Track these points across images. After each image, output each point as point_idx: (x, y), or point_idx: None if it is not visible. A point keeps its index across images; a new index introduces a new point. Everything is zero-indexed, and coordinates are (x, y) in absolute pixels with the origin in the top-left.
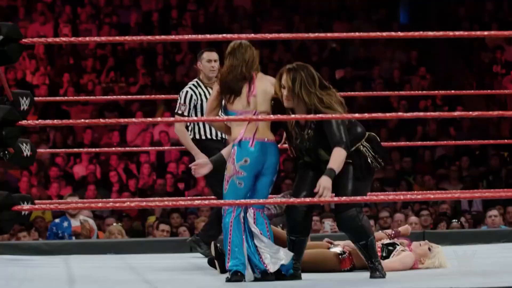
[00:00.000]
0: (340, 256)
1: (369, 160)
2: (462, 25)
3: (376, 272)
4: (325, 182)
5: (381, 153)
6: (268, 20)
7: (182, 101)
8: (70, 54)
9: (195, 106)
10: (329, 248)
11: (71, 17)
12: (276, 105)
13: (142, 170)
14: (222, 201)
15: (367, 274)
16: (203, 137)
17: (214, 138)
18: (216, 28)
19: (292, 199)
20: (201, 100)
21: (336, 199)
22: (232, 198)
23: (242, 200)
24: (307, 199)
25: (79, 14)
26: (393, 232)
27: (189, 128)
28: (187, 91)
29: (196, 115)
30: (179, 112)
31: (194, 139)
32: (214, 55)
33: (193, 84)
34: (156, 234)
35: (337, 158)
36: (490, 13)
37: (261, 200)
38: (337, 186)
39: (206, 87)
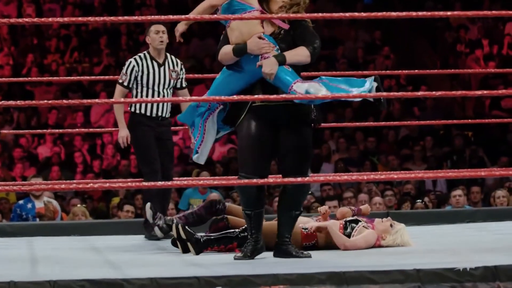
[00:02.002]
0: (303, 229)
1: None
2: (426, 4)
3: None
4: (269, 66)
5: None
6: None
7: (124, 71)
8: (34, 35)
9: (135, 78)
10: None
11: None
12: None
13: (106, 151)
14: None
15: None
16: (137, 112)
17: (148, 114)
18: (180, 8)
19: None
20: (142, 72)
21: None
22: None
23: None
24: (270, 180)
25: None
26: (356, 209)
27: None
28: (130, 61)
29: (136, 86)
30: (120, 81)
31: (131, 112)
32: (161, 27)
33: (139, 56)
34: (120, 215)
35: (297, 52)
36: None
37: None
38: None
39: (152, 60)
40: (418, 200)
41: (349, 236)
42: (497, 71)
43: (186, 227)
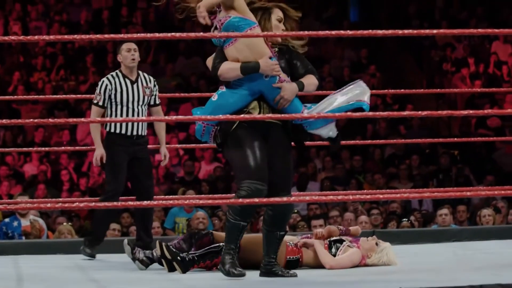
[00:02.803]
0: (288, 243)
1: None
2: (412, 22)
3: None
4: (290, 92)
5: None
6: None
7: (98, 91)
8: (20, 52)
9: (109, 96)
10: None
11: (21, 15)
12: None
13: (92, 169)
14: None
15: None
16: (112, 131)
17: (123, 133)
18: (166, 26)
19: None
20: (116, 90)
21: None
22: None
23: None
24: (278, 199)
25: (29, 11)
26: (344, 229)
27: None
28: (103, 81)
29: (111, 105)
30: (95, 102)
31: (106, 131)
32: (133, 45)
33: (111, 75)
34: (107, 233)
35: (311, 81)
36: (440, 10)
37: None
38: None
39: (124, 78)
40: (404, 219)
41: (334, 256)
42: (483, 91)
43: (170, 246)
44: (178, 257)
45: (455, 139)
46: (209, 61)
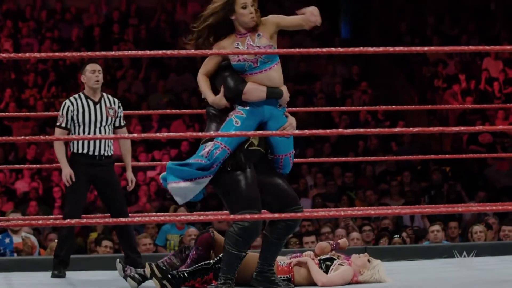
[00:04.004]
0: (279, 263)
1: None
2: (404, 39)
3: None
4: (294, 122)
5: None
6: None
7: (60, 113)
8: (11, 69)
9: (72, 118)
10: None
11: (12, 31)
12: None
13: None
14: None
15: None
16: (75, 151)
17: (85, 152)
18: (157, 43)
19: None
20: (78, 111)
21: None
22: None
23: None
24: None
25: (21, 28)
26: (335, 243)
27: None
28: (65, 103)
29: (74, 127)
30: (58, 124)
31: (71, 152)
32: (97, 66)
33: (74, 97)
34: (98, 250)
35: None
36: (431, 27)
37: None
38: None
39: (87, 99)
40: (396, 235)
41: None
42: (474, 107)
43: (161, 264)
44: (169, 275)
45: (447, 155)
46: (204, 82)
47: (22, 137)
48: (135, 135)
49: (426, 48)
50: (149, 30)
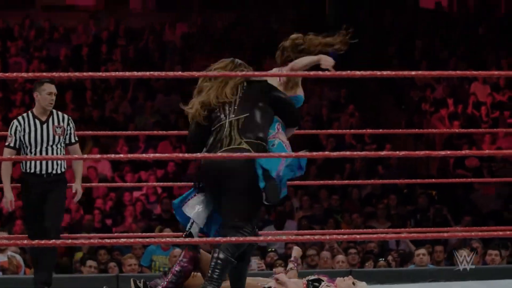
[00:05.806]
0: (260, 284)
1: None
2: (392, 62)
3: None
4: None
5: None
6: (198, 56)
7: (9, 133)
8: None
9: (20, 138)
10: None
11: (0, 50)
12: None
13: (69, 205)
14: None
15: None
16: (24, 170)
17: (33, 171)
18: (146, 63)
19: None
20: (25, 131)
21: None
22: None
23: None
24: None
25: (9, 47)
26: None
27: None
28: (13, 122)
29: (23, 146)
30: (6, 143)
31: (21, 172)
32: (54, 88)
33: (22, 116)
34: (83, 270)
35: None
36: (420, 51)
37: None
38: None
39: (34, 118)
40: (381, 259)
41: None
42: (461, 131)
43: (147, 282)
44: None
45: (433, 179)
46: None
47: (8, 156)
48: (122, 155)
49: (413, 73)
50: (138, 51)
